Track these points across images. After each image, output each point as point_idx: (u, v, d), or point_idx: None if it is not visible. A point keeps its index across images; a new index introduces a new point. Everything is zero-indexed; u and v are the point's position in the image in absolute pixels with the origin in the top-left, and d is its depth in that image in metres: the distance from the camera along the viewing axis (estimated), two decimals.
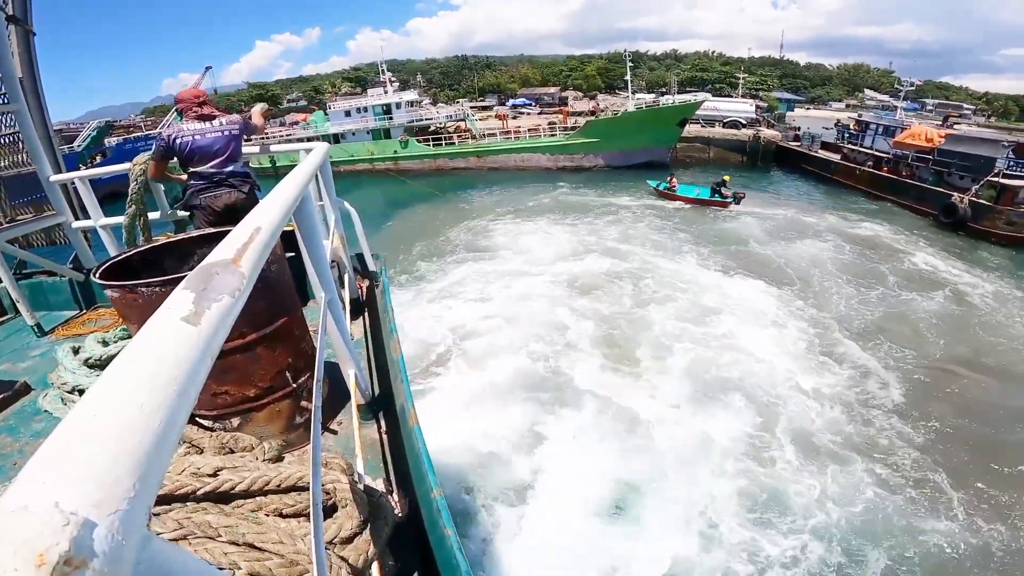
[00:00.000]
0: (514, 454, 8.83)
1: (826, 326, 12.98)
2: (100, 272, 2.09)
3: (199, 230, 3.21)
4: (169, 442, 0.48)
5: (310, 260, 1.96)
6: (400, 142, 36.94)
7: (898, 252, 18.21)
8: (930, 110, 34.88)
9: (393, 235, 21.92)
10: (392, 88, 40.81)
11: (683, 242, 19.21)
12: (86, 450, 0.42)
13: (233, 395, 2.09)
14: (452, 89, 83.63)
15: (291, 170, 5.86)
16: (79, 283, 4.30)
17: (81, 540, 0.36)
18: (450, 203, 26.98)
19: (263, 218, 1.09)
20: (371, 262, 4.09)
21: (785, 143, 34.50)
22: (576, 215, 23.45)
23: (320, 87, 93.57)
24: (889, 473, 8.43)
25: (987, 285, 15.51)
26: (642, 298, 14.47)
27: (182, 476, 1.49)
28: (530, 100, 66.41)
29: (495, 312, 13.75)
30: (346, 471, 1.64)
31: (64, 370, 2.65)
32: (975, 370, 11.24)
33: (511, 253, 18.76)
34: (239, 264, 0.81)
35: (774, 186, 29.64)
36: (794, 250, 18.22)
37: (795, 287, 15.31)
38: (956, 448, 8.97)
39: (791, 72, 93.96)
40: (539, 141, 35.73)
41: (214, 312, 0.65)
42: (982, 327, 12.99)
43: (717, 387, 10.44)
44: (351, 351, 2.30)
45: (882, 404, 10.14)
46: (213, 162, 3.51)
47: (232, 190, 3.56)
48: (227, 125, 3.57)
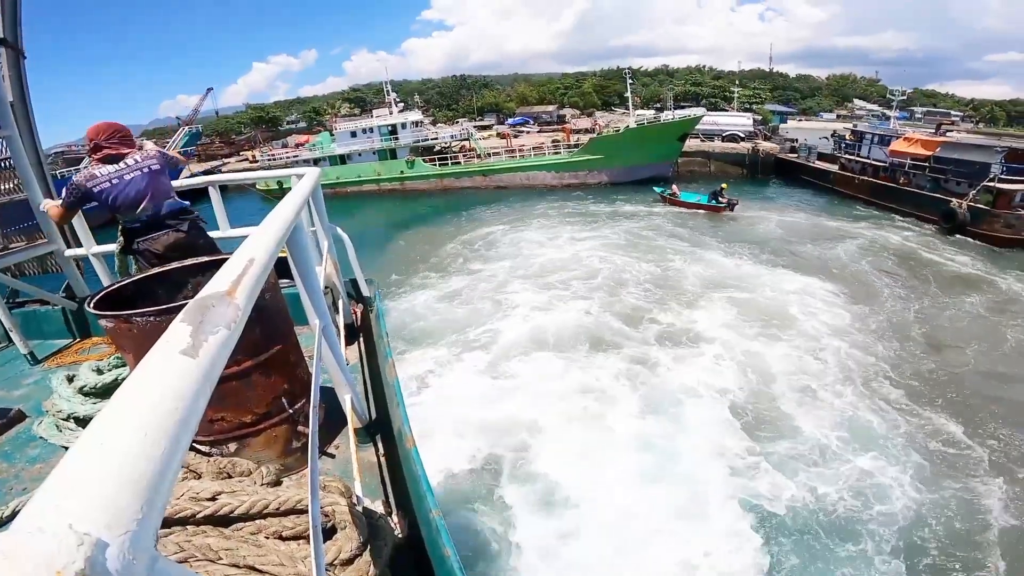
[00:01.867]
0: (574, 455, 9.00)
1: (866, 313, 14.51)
2: (94, 302, 2.11)
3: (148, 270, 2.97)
4: (172, 467, 0.51)
5: (303, 287, 1.98)
6: (407, 162, 37.17)
7: (911, 254, 19.50)
8: (918, 118, 35.50)
9: (422, 248, 22.77)
10: (397, 109, 41.06)
11: (719, 240, 21.39)
12: (96, 475, 0.45)
13: (230, 421, 2.10)
14: (451, 109, 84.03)
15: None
16: (72, 312, 4.28)
17: (95, 559, 0.39)
18: (474, 219, 27.93)
19: (256, 249, 1.12)
20: (365, 287, 4.10)
21: (783, 155, 35.32)
22: (603, 221, 25.35)
23: (320, 108, 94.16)
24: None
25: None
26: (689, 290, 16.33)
27: (181, 500, 1.51)
28: (528, 118, 66.87)
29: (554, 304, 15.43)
30: (344, 493, 1.66)
31: (59, 398, 2.66)
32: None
33: (547, 251, 20.68)
34: (234, 296, 0.84)
35: (777, 197, 30.51)
36: (815, 250, 19.94)
37: (824, 277, 16.98)
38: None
39: (781, 84, 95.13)
40: (544, 159, 36.31)
41: (211, 344, 0.69)
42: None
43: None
44: (346, 376, 2.32)
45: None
46: (141, 206, 3.18)
47: (169, 231, 3.31)
48: (144, 161, 3.21)
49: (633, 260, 18.82)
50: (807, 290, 15.84)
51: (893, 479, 8.38)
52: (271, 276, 2.15)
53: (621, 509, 7.94)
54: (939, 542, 7.38)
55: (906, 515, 7.76)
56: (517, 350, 12.69)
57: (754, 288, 16.06)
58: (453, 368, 12.18)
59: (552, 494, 8.27)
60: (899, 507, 7.87)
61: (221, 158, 53.34)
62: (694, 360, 12.05)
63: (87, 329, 4.32)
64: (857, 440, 9.26)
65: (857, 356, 12.06)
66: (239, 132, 76.60)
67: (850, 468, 8.63)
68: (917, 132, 27.08)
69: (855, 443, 9.18)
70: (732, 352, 12.23)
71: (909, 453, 8.94)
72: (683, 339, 13.08)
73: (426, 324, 14.67)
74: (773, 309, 14.49)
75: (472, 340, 13.43)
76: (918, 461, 8.76)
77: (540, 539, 7.53)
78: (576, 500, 8.12)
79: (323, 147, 40.01)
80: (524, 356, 12.45)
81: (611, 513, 7.88)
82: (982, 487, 8.25)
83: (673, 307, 14.95)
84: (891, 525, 7.60)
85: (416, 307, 15.85)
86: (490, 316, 14.79)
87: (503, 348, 12.89)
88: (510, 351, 12.68)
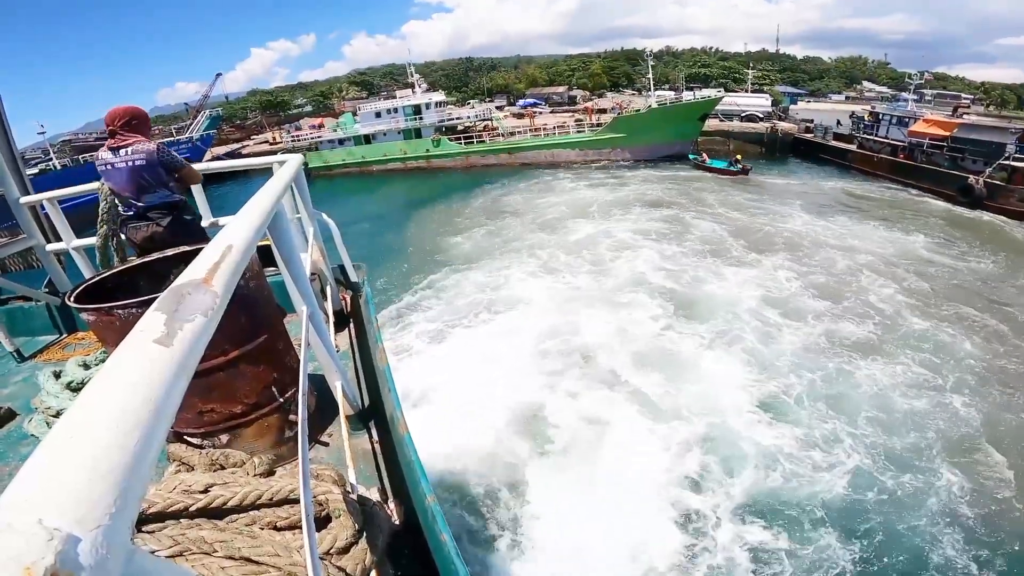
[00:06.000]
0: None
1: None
2: (75, 295, 2.07)
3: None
4: (147, 459, 0.50)
5: (288, 274, 1.96)
6: (432, 141, 38.92)
7: (934, 221, 21.98)
8: (928, 100, 36.63)
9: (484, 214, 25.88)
10: (421, 89, 42.59)
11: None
12: (65, 470, 0.44)
13: (220, 412, 2.09)
14: (459, 91, 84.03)
15: (325, 169, 5.89)
16: (57, 307, 4.23)
17: (66, 554, 0.37)
18: (529, 187, 31.25)
19: (235, 235, 1.09)
20: (353, 273, 4.07)
21: (801, 134, 37.39)
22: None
23: (327, 92, 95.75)
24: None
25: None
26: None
27: (173, 494, 1.50)
28: (539, 100, 67.19)
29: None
30: (338, 482, 1.65)
31: (47, 395, 2.64)
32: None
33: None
34: (211, 284, 0.82)
35: (798, 173, 32.89)
36: (844, 217, 22.67)
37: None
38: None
39: (790, 66, 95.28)
40: (568, 137, 38.31)
41: (187, 332, 0.67)
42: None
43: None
44: (336, 363, 2.31)
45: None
46: (126, 195, 3.33)
47: (150, 223, 3.37)
48: (131, 155, 3.26)
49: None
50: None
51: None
52: (254, 263, 2.13)
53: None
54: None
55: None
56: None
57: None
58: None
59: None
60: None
61: (233, 142, 54.43)
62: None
63: (73, 324, 4.27)
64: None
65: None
66: (244, 118, 77.42)
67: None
68: (935, 114, 29.41)
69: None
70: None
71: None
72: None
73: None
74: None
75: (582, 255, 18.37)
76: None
77: (537, 525, 7.61)
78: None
79: (347, 127, 41.68)
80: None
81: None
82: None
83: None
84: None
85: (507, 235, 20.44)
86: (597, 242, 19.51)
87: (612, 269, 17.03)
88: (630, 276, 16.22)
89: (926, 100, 36.14)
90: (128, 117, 3.29)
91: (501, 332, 13.05)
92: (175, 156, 3.46)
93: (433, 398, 10.27)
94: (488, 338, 12.76)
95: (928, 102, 36.00)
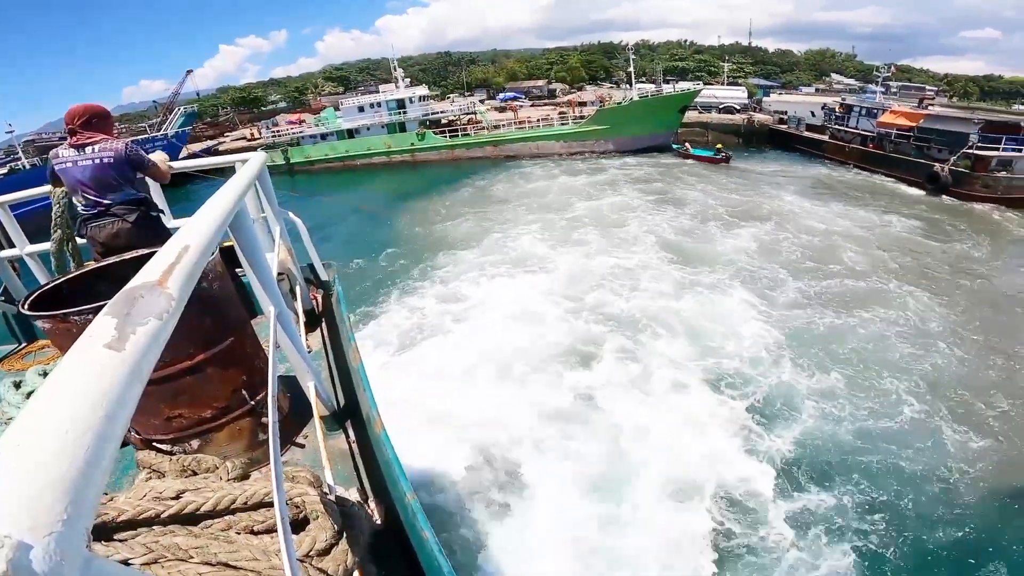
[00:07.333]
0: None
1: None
2: (30, 303, 1.99)
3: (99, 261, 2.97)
4: (100, 466, 0.49)
5: (253, 274, 1.92)
6: (417, 135, 38.84)
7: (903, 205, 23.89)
8: (894, 92, 37.75)
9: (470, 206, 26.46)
10: (404, 84, 42.14)
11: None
12: (14, 478, 0.43)
13: (188, 417, 2.04)
14: (438, 85, 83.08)
15: (307, 164, 5.76)
16: (14, 316, 4.09)
17: (18, 562, 0.37)
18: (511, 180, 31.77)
19: (192, 236, 1.07)
20: (323, 271, 4.02)
21: (776, 126, 38.83)
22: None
23: (302, 88, 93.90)
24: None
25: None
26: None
27: (144, 501, 1.47)
28: (519, 94, 67.45)
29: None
30: (314, 484, 1.64)
31: (8, 405, 2.58)
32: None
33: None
34: (165, 285, 0.80)
35: (776, 161, 34.24)
36: (821, 198, 24.87)
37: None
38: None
39: (761, 59, 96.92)
40: (552, 130, 38.37)
41: (140, 336, 0.65)
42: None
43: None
44: (308, 363, 2.28)
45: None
46: (89, 193, 3.24)
47: (116, 220, 3.29)
48: (99, 153, 3.19)
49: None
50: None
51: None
52: (217, 264, 2.08)
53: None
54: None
55: None
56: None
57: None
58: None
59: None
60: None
61: (207, 139, 52.81)
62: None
63: (32, 333, 4.13)
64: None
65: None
66: (216, 115, 75.24)
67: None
68: (902, 105, 30.34)
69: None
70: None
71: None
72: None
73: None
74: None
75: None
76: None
77: (524, 519, 7.59)
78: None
79: (328, 122, 41.17)
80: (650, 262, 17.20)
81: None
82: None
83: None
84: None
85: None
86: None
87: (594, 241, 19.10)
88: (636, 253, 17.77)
89: (892, 92, 37.29)
90: (88, 115, 3.22)
91: (522, 289, 14.97)
92: (143, 155, 3.38)
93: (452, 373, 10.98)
94: (509, 301, 14.30)
95: (894, 94, 37.14)
